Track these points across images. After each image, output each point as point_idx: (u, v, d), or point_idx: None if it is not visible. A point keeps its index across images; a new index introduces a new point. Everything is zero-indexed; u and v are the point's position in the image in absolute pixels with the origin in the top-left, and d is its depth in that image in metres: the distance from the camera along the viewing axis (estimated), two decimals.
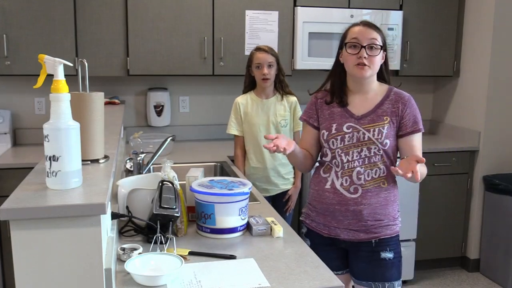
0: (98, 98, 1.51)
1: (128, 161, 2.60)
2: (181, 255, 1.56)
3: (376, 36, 1.92)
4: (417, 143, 1.97)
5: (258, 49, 2.86)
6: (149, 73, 3.39)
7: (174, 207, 1.69)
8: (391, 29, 3.67)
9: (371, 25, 1.95)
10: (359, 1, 3.62)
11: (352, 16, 3.53)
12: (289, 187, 3.00)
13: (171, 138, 2.68)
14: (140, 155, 2.52)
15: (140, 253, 1.58)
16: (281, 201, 2.99)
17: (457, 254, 3.91)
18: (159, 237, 1.65)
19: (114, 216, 1.65)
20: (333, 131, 1.98)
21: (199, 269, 1.53)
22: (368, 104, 1.99)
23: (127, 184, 1.88)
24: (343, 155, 1.96)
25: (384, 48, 1.95)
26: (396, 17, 3.67)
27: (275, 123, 2.89)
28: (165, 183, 1.77)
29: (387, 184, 1.97)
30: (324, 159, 2.04)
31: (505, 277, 3.59)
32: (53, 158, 1.23)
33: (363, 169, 1.94)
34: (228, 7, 3.42)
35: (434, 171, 3.68)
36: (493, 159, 3.77)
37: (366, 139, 1.94)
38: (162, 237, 1.65)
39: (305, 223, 2.13)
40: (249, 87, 2.97)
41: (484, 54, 3.70)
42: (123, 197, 1.79)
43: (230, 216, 1.79)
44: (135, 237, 1.77)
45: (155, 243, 1.65)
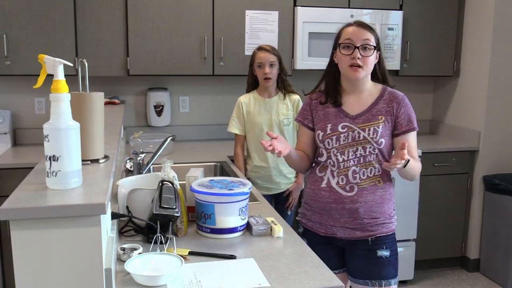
0: (98, 98, 1.51)
1: (128, 161, 2.60)
2: (181, 255, 1.56)
3: (369, 36, 1.93)
4: (412, 141, 1.99)
5: (260, 49, 2.87)
6: (149, 73, 3.39)
7: (174, 207, 1.69)
8: (391, 29, 3.67)
9: (364, 26, 1.96)
10: (359, 1, 3.62)
11: (352, 16, 3.53)
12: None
13: (171, 138, 2.68)
14: (140, 155, 2.52)
15: (140, 253, 1.58)
16: (282, 199, 2.99)
17: (457, 254, 3.91)
18: (159, 237, 1.65)
19: (114, 216, 1.65)
20: (328, 131, 1.98)
21: (199, 269, 1.53)
22: (362, 103, 2.00)
23: (127, 184, 1.88)
24: (338, 154, 1.97)
25: (377, 48, 1.96)
26: (396, 17, 3.67)
27: (278, 122, 2.89)
28: (165, 183, 1.77)
29: (382, 182, 1.98)
30: (319, 159, 2.05)
31: (505, 277, 3.59)
32: (53, 158, 1.23)
33: (358, 168, 1.95)
34: (228, 7, 3.42)
35: (434, 171, 3.68)
36: (493, 159, 3.77)
37: (361, 138, 1.95)
38: (162, 237, 1.65)
39: (302, 222, 2.14)
40: (252, 86, 2.98)
41: (484, 54, 3.70)
42: (123, 197, 1.79)
43: (230, 216, 1.79)
44: (135, 237, 1.77)
45: (155, 243, 1.65)
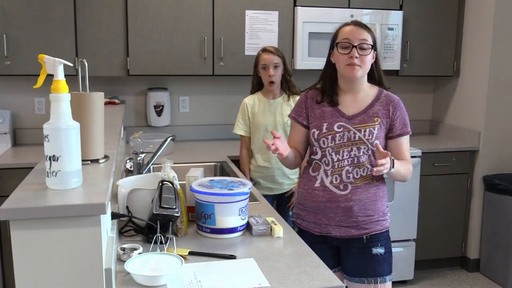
0: (98, 98, 1.51)
1: (128, 161, 2.60)
2: (181, 255, 1.56)
3: (366, 36, 1.95)
4: (405, 145, 2.04)
5: (264, 50, 2.89)
6: (149, 73, 3.39)
7: (174, 207, 1.69)
8: (391, 29, 3.67)
9: (361, 25, 1.98)
10: (359, 1, 3.62)
11: (352, 16, 3.53)
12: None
13: (171, 138, 2.68)
14: (140, 155, 2.52)
15: (140, 253, 1.58)
16: (285, 200, 3.00)
17: (457, 254, 3.91)
18: (159, 237, 1.65)
19: (114, 216, 1.65)
20: (324, 130, 2.00)
21: (199, 269, 1.53)
22: (358, 104, 2.02)
23: (127, 184, 1.88)
24: (333, 154, 1.98)
25: (374, 47, 1.98)
26: (396, 17, 3.67)
27: (282, 123, 2.90)
28: (165, 183, 1.77)
29: (376, 180, 2.01)
30: (313, 157, 2.06)
31: (505, 277, 3.59)
32: (53, 158, 1.23)
33: (351, 168, 1.97)
34: (228, 7, 3.42)
35: (434, 171, 3.68)
36: (493, 159, 3.77)
37: (356, 138, 1.97)
38: (162, 237, 1.65)
39: (296, 223, 2.14)
40: (257, 87, 3.00)
41: (484, 54, 3.70)
42: (123, 197, 1.79)
43: (230, 216, 1.79)
44: (135, 237, 1.77)
45: (155, 243, 1.65)
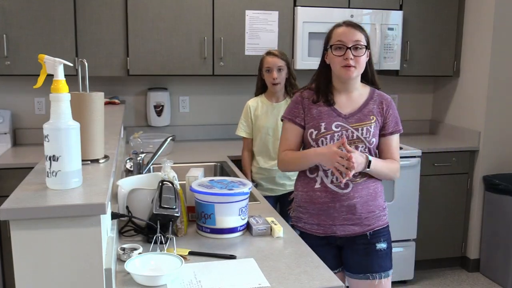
0: (98, 98, 1.51)
1: (128, 161, 2.60)
2: (181, 255, 1.55)
3: (360, 37, 1.96)
4: (394, 143, 2.07)
5: (268, 53, 2.90)
6: (149, 73, 3.39)
7: (174, 207, 1.69)
8: (391, 29, 3.67)
9: (354, 25, 1.99)
10: (359, 1, 3.62)
11: (352, 16, 3.53)
12: None
13: (171, 138, 2.68)
14: (140, 155, 2.52)
15: (140, 253, 1.58)
16: (286, 201, 2.99)
17: (457, 254, 3.91)
18: (159, 237, 1.65)
19: (114, 216, 1.65)
20: (322, 130, 2.00)
21: (199, 269, 1.53)
22: (353, 103, 2.04)
23: (127, 184, 1.88)
24: None
25: (368, 47, 1.99)
26: (396, 17, 3.67)
27: None
28: (165, 183, 1.77)
29: (372, 177, 2.04)
30: None
31: (505, 277, 3.58)
32: (53, 158, 1.23)
33: None
34: (228, 7, 3.42)
35: (434, 171, 3.68)
36: (493, 159, 3.77)
37: (355, 137, 1.99)
38: (162, 237, 1.65)
39: (298, 227, 2.12)
40: (261, 90, 3.01)
41: (484, 54, 3.70)
42: (123, 197, 1.79)
43: (230, 216, 1.79)
44: (135, 237, 1.77)
45: (155, 243, 1.65)
